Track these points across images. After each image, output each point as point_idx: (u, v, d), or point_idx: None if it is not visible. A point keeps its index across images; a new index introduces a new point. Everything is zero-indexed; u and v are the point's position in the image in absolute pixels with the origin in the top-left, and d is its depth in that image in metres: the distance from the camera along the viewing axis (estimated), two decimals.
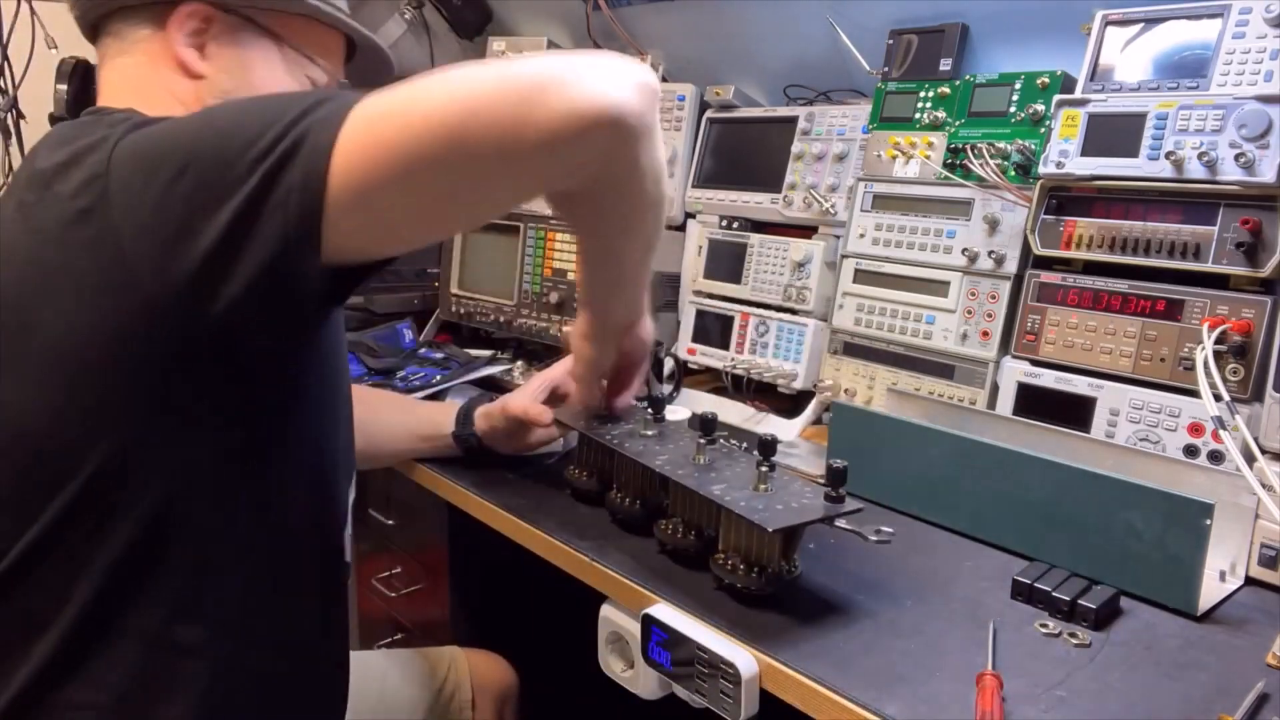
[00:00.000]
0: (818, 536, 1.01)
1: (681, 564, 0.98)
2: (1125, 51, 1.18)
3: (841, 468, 0.88)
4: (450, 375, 1.57)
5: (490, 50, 2.04)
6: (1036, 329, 1.22)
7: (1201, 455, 1.07)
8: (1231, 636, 0.88)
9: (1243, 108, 1.05)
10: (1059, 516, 0.98)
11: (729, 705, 0.81)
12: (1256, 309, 1.05)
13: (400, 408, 1.35)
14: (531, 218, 1.72)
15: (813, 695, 0.77)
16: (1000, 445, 1.05)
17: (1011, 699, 0.74)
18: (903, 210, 1.40)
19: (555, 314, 1.66)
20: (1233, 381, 1.04)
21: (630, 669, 0.96)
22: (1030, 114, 1.28)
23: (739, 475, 0.94)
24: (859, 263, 1.44)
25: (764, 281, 1.58)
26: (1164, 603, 0.92)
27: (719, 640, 0.84)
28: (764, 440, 0.92)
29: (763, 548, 0.89)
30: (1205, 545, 0.89)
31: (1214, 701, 0.76)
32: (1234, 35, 1.09)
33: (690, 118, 1.76)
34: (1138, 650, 0.84)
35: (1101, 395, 1.15)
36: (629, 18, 1.88)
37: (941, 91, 1.38)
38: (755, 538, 0.89)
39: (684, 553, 0.98)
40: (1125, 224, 1.15)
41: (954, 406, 1.27)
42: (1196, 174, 1.07)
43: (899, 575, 0.97)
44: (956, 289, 1.32)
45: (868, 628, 0.86)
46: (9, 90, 1.71)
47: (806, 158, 1.57)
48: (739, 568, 0.89)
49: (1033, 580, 0.91)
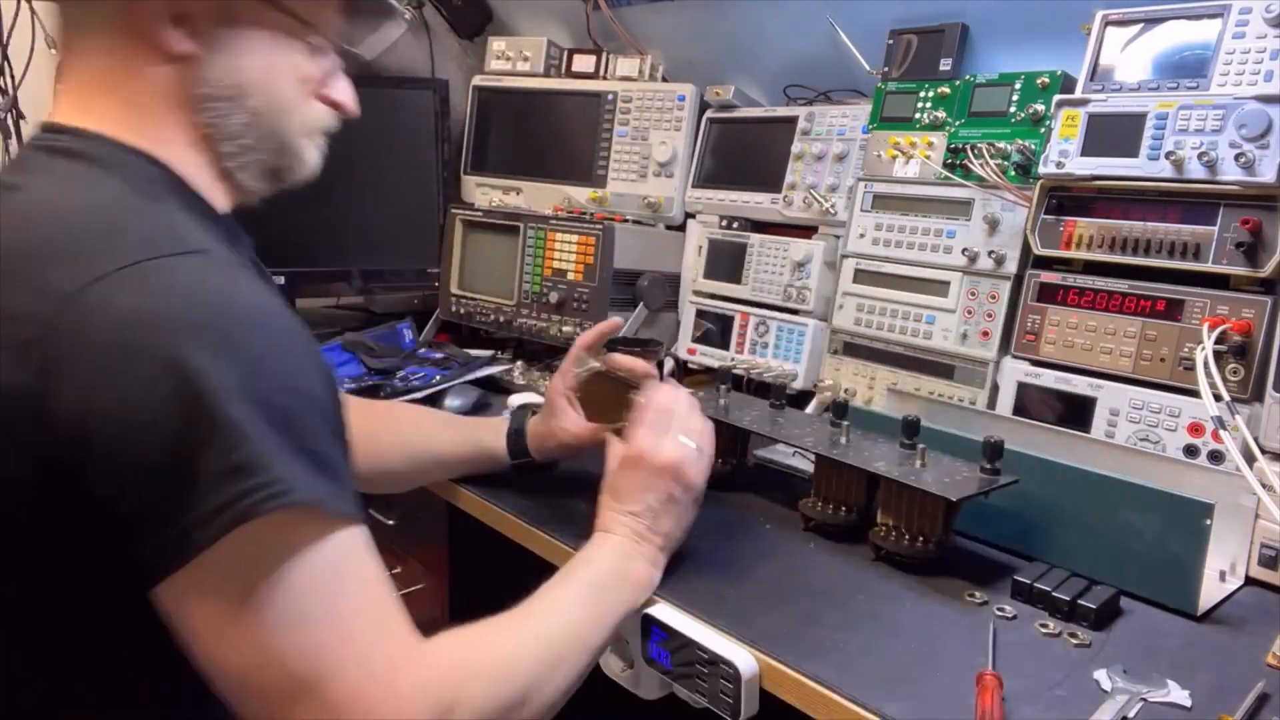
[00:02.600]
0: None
1: (831, 539, 1.06)
2: (1125, 51, 1.18)
3: (997, 442, 0.97)
4: (450, 375, 1.57)
5: (490, 50, 2.04)
6: (1036, 329, 1.22)
7: (1201, 455, 1.07)
8: (1231, 636, 0.88)
9: (1243, 108, 1.05)
10: (1059, 516, 0.98)
11: (729, 705, 0.81)
12: (1256, 309, 1.05)
13: (445, 426, 1.26)
14: (531, 218, 1.72)
15: (813, 695, 0.77)
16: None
17: (1011, 699, 0.74)
18: (903, 210, 1.40)
19: (555, 314, 1.66)
20: (1233, 381, 1.04)
21: (630, 669, 0.96)
22: (1030, 114, 1.28)
23: (887, 454, 1.02)
24: (859, 263, 1.44)
25: (764, 281, 1.58)
26: (1164, 603, 0.92)
27: (719, 640, 0.83)
28: (908, 420, 1.02)
29: (924, 519, 0.97)
30: (1205, 545, 0.89)
31: (1214, 701, 0.76)
32: (1234, 35, 1.09)
33: (690, 118, 1.77)
34: (1138, 650, 0.84)
35: (1101, 395, 1.15)
36: (629, 18, 1.88)
37: (941, 91, 1.38)
38: (918, 510, 0.97)
39: (835, 528, 1.06)
40: (1125, 224, 1.15)
41: (954, 406, 1.27)
42: (1196, 174, 1.07)
43: (898, 575, 0.97)
44: (956, 289, 1.32)
45: (867, 628, 0.86)
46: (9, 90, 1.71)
47: (806, 158, 1.57)
48: (902, 538, 0.97)
49: (1033, 580, 0.91)
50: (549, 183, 1.94)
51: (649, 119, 1.81)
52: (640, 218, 1.79)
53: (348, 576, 0.65)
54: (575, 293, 1.63)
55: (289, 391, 0.63)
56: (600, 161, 1.87)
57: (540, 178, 1.96)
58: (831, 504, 1.06)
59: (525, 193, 1.98)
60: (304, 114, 0.81)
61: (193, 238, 0.68)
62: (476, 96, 2.05)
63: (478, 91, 2.05)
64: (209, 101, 0.75)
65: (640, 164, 1.81)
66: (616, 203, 1.84)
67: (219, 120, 0.76)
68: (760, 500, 1.18)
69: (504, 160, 2.04)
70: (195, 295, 0.63)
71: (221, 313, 0.63)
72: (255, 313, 0.65)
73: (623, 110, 1.84)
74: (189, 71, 0.74)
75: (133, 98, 0.73)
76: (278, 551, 0.61)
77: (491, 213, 1.81)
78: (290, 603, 0.62)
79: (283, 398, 0.62)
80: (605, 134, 1.86)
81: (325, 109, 0.84)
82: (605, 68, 1.92)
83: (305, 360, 0.66)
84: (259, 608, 0.61)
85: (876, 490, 1.03)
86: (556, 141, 1.96)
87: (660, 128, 1.79)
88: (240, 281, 0.67)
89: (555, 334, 1.66)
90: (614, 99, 1.86)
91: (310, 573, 0.63)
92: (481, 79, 2.05)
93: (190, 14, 0.72)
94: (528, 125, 2.00)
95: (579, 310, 1.63)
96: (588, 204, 1.87)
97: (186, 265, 0.65)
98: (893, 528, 0.99)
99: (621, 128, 1.84)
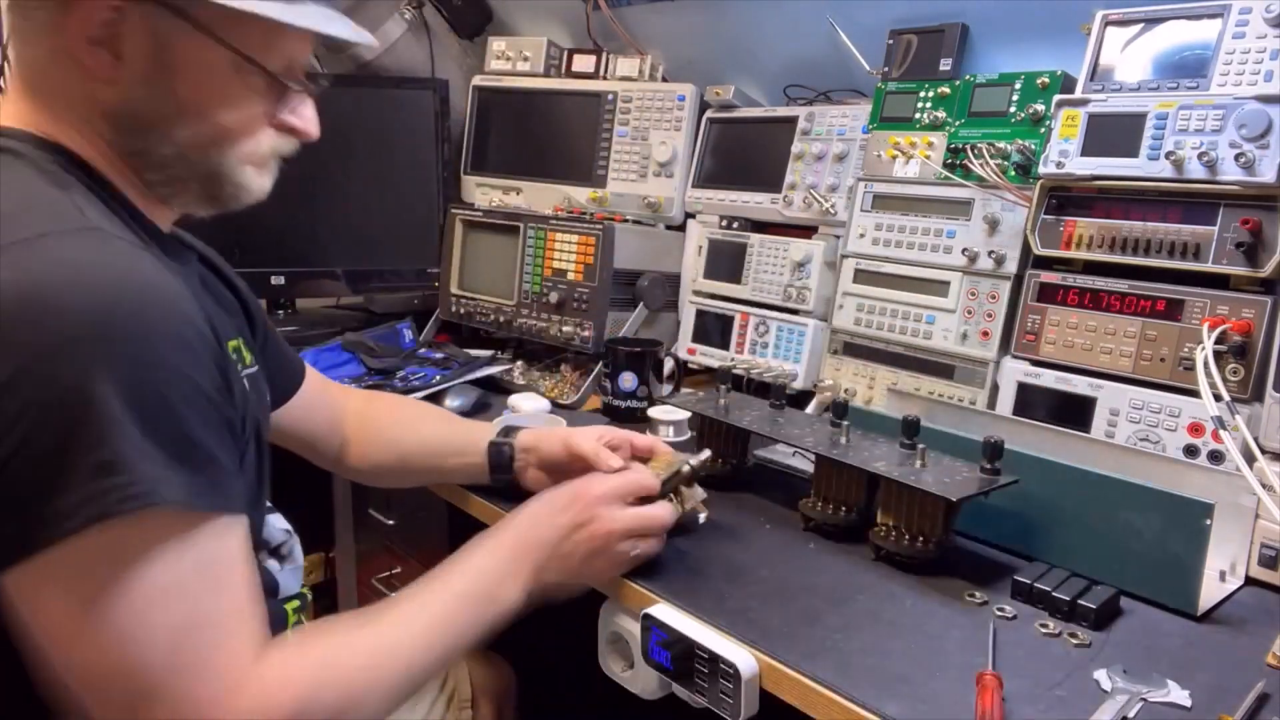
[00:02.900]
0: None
1: (831, 539, 1.06)
2: (1125, 51, 1.18)
3: (997, 442, 0.97)
4: (450, 375, 1.57)
5: (490, 50, 2.04)
6: (1036, 329, 1.22)
7: (1201, 455, 1.07)
8: (1231, 636, 0.88)
9: (1243, 108, 1.05)
10: (1059, 516, 0.98)
11: (729, 705, 0.81)
12: (1256, 309, 1.05)
13: (440, 420, 1.24)
14: (531, 217, 1.72)
15: (813, 695, 0.77)
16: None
17: (1011, 699, 0.74)
18: (903, 210, 1.40)
19: (555, 314, 1.66)
20: (1233, 381, 1.04)
21: (630, 669, 0.96)
22: (1030, 114, 1.28)
23: (887, 454, 1.02)
24: (859, 263, 1.44)
25: (764, 281, 1.58)
26: (1164, 603, 0.92)
27: (719, 640, 0.84)
28: (908, 420, 1.02)
29: (924, 519, 0.97)
30: (1205, 545, 0.89)
31: (1214, 701, 0.76)
32: (1234, 35, 1.09)
33: (690, 118, 1.77)
34: (1138, 650, 0.84)
35: (1101, 395, 1.15)
36: (629, 18, 1.88)
37: (941, 91, 1.38)
38: (918, 510, 0.97)
39: (835, 528, 1.06)
40: (1125, 224, 1.15)
41: (954, 406, 1.27)
42: (1196, 174, 1.07)
43: (898, 575, 0.97)
44: (956, 289, 1.32)
45: (867, 628, 0.86)
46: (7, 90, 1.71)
47: (806, 158, 1.57)
48: (902, 538, 0.97)
49: (1033, 580, 0.91)
50: (549, 183, 1.94)
51: (649, 119, 1.81)
52: (640, 218, 1.79)
53: (204, 578, 0.65)
54: (575, 293, 1.63)
55: (166, 381, 0.63)
56: (600, 161, 1.87)
57: (540, 178, 1.96)
58: (831, 504, 1.06)
59: (525, 193, 1.98)
60: (248, 144, 0.78)
61: (91, 218, 0.67)
62: (476, 96, 2.05)
63: (478, 91, 2.05)
64: (134, 128, 0.74)
65: (640, 164, 1.81)
66: (616, 203, 1.84)
67: (144, 147, 0.75)
68: (760, 500, 1.18)
69: (504, 160, 2.04)
70: (79, 275, 0.61)
71: (104, 297, 0.61)
72: (140, 296, 0.63)
73: (623, 110, 1.84)
74: (111, 94, 0.72)
75: (59, 112, 0.73)
76: (132, 552, 0.61)
77: (491, 213, 1.81)
78: (140, 605, 0.62)
79: (159, 388, 0.62)
80: (605, 134, 1.86)
81: (278, 136, 0.80)
82: (605, 68, 1.92)
83: (188, 347, 0.65)
84: (109, 608, 0.61)
85: (876, 490, 1.03)
86: (556, 141, 1.96)
87: (660, 128, 1.79)
88: (133, 261, 0.65)
89: (555, 334, 1.66)
90: (614, 99, 1.86)
91: (163, 576, 0.62)
92: (481, 79, 2.05)
93: (112, 37, 0.70)
94: (528, 125, 2.00)
95: (579, 310, 1.63)
96: (588, 204, 1.87)
97: (77, 243, 0.64)
98: (893, 528, 0.99)
99: (621, 128, 1.84)
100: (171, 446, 0.62)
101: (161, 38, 0.71)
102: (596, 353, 1.61)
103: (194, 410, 0.64)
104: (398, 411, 1.25)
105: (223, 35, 0.72)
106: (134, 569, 0.61)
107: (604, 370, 1.55)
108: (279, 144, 0.81)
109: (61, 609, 0.61)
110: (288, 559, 0.96)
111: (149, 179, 0.77)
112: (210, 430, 0.66)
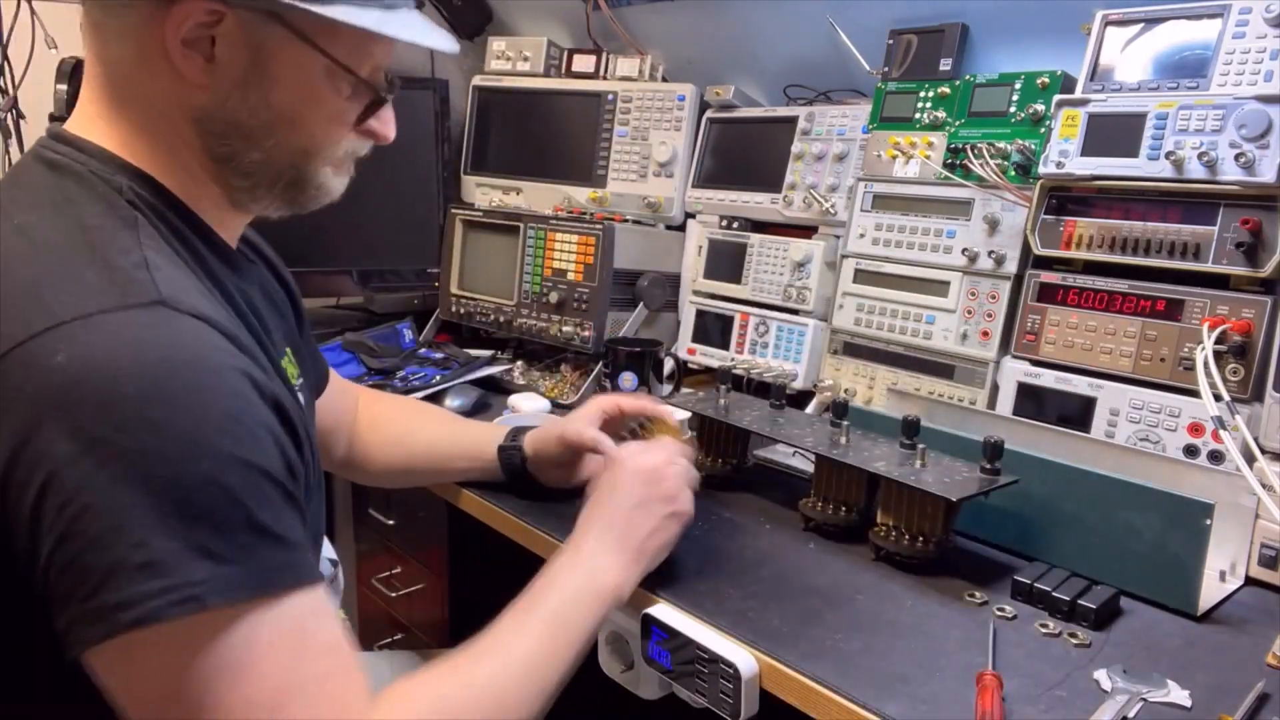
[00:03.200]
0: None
1: (831, 539, 1.06)
2: (1125, 51, 1.18)
3: (997, 442, 0.97)
4: (450, 375, 1.57)
5: (490, 50, 2.04)
6: (1036, 329, 1.22)
7: (1201, 455, 1.07)
8: (1231, 636, 0.88)
9: (1243, 108, 1.05)
10: (1059, 516, 0.98)
11: (729, 705, 0.81)
12: (1256, 309, 1.05)
13: (445, 422, 1.25)
14: (531, 218, 1.72)
15: (813, 695, 0.77)
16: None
17: (1011, 699, 0.74)
18: (903, 210, 1.40)
19: (555, 314, 1.66)
20: (1233, 381, 1.04)
21: (630, 669, 0.96)
22: (1030, 114, 1.28)
23: (887, 454, 1.02)
24: (859, 263, 1.44)
25: (764, 281, 1.58)
26: (1164, 603, 0.92)
27: (719, 640, 0.84)
28: (908, 420, 1.03)
29: (924, 519, 0.97)
30: (1205, 545, 0.89)
31: (1214, 701, 0.76)
32: (1234, 35, 1.09)
33: (690, 118, 1.77)
34: (1138, 650, 0.84)
35: (1101, 395, 1.15)
36: (629, 18, 1.88)
37: (941, 91, 1.38)
38: (918, 510, 0.97)
39: (835, 528, 1.06)
40: (1125, 224, 1.15)
41: (954, 406, 1.27)
42: (1196, 174, 1.07)
43: (898, 575, 0.97)
44: (956, 289, 1.32)
45: (867, 628, 0.86)
46: (9, 90, 1.71)
47: (806, 158, 1.57)
48: (903, 538, 0.97)
49: (1033, 580, 0.91)
50: (549, 183, 1.94)
51: (649, 119, 1.81)
52: (640, 218, 1.79)
53: (283, 654, 0.62)
54: (575, 293, 1.63)
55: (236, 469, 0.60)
56: (600, 161, 1.87)
57: (540, 178, 1.96)
58: (831, 504, 1.06)
59: (525, 193, 1.98)
60: (332, 150, 0.78)
61: (146, 285, 0.63)
62: (476, 96, 2.05)
63: (478, 91, 2.05)
64: (223, 134, 0.72)
65: (640, 164, 1.81)
66: (616, 203, 1.84)
67: (231, 153, 0.73)
68: (760, 500, 1.18)
69: (504, 160, 2.04)
70: (119, 362, 0.59)
71: (142, 386, 0.58)
72: (200, 379, 0.60)
73: (623, 110, 1.84)
74: (203, 99, 0.70)
75: (140, 118, 0.71)
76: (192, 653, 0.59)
77: (491, 213, 1.81)
78: (246, 691, 0.60)
79: (228, 477, 0.59)
80: (605, 134, 1.86)
81: (357, 138, 0.80)
82: (605, 68, 1.92)
83: (255, 426, 0.62)
84: (203, 693, 0.59)
85: (876, 490, 1.03)
86: (556, 141, 1.96)
87: (660, 128, 1.79)
88: (184, 337, 0.62)
89: (555, 334, 1.66)
90: (614, 99, 1.86)
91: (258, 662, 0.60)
92: (481, 79, 2.05)
93: (205, 39, 0.68)
94: (528, 125, 2.00)
95: (579, 310, 1.63)
96: (588, 204, 1.87)
97: (123, 323, 0.60)
98: (893, 528, 0.99)
99: (621, 128, 1.84)
100: (217, 539, 0.59)
101: (257, 43, 0.69)
102: (596, 353, 1.61)
103: (251, 492, 0.61)
104: (403, 412, 1.24)
105: (319, 42, 0.71)
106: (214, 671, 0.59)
107: (604, 370, 1.55)
108: (357, 145, 0.81)
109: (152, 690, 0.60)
110: (331, 587, 0.96)
111: (233, 184, 0.75)
112: (275, 505, 0.63)
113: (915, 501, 0.97)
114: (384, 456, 1.18)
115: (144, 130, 0.71)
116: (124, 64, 0.70)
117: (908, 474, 0.96)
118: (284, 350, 0.86)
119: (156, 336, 0.61)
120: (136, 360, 0.59)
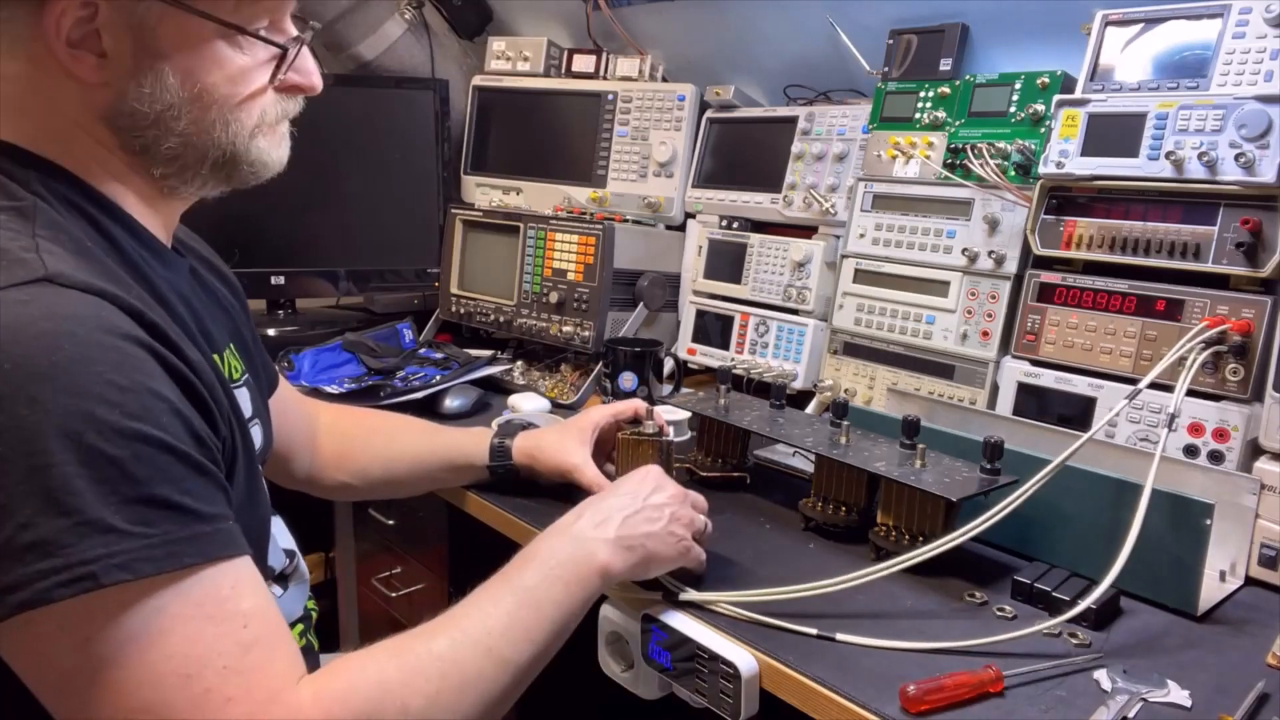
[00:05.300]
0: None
1: (831, 539, 1.06)
2: (1125, 51, 1.18)
3: (997, 442, 0.97)
4: (450, 375, 1.57)
5: (490, 50, 2.04)
6: (1036, 329, 1.22)
7: (1201, 455, 1.07)
8: (1231, 636, 0.88)
9: (1243, 108, 1.05)
10: (1059, 516, 0.98)
11: (729, 705, 0.81)
12: (1256, 309, 1.05)
13: (424, 433, 1.22)
14: (531, 218, 1.72)
15: (813, 695, 0.77)
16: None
17: (1011, 699, 0.74)
18: (903, 210, 1.40)
19: (555, 314, 1.66)
20: (1233, 381, 1.04)
21: (630, 669, 0.96)
22: (1030, 114, 1.28)
23: (887, 454, 1.03)
24: (859, 263, 1.44)
25: (764, 281, 1.58)
26: (1164, 603, 0.92)
27: (719, 640, 0.84)
28: (908, 420, 1.03)
29: (924, 519, 0.97)
30: (1205, 545, 0.89)
31: (1214, 701, 0.76)
32: (1234, 35, 1.09)
33: (690, 118, 1.77)
34: (1138, 650, 0.84)
35: (1101, 395, 1.15)
36: (629, 18, 1.88)
37: (941, 91, 1.38)
38: (918, 510, 0.98)
39: (835, 528, 1.06)
40: (1125, 224, 1.15)
41: (954, 406, 1.27)
42: (1196, 174, 1.07)
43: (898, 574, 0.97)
44: (956, 289, 1.33)
45: (867, 627, 0.86)
46: None
47: (806, 158, 1.57)
48: (902, 538, 0.98)
49: (1033, 580, 0.91)
50: (549, 183, 1.94)
51: (649, 119, 1.81)
52: (640, 218, 1.79)
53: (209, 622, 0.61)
54: (575, 293, 1.63)
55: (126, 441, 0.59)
56: (600, 161, 1.87)
57: (540, 178, 1.96)
58: (831, 504, 1.06)
59: (525, 193, 1.98)
60: (253, 114, 0.74)
61: (32, 263, 0.62)
62: (476, 96, 2.05)
63: (478, 91, 2.05)
64: (133, 128, 0.71)
65: (640, 164, 1.81)
66: (616, 203, 1.84)
67: (148, 143, 0.72)
68: (760, 500, 1.18)
69: (504, 160, 2.04)
70: (17, 336, 0.58)
71: (20, 362, 0.57)
72: (83, 351, 0.59)
73: (623, 110, 1.84)
74: (106, 97, 0.69)
75: (51, 124, 0.70)
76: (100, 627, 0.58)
77: (491, 213, 1.81)
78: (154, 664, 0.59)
79: (117, 449, 0.58)
80: (605, 134, 1.86)
81: (282, 98, 0.77)
82: (605, 68, 1.92)
83: (147, 397, 0.61)
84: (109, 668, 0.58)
85: (876, 490, 1.03)
86: (556, 141, 1.96)
87: (660, 128, 1.79)
88: (68, 309, 0.61)
89: (555, 334, 1.66)
90: (614, 99, 1.86)
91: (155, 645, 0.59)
92: (481, 79, 2.05)
93: (90, 37, 0.67)
94: (528, 125, 2.00)
95: (579, 310, 1.63)
96: (588, 204, 1.87)
97: (2, 301, 0.60)
98: (893, 528, 0.99)
99: (621, 128, 1.84)
100: (137, 506, 0.59)
101: (137, 23, 0.68)
102: (596, 353, 1.61)
103: (158, 463, 0.60)
104: (373, 423, 1.22)
105: (200, 7, 0.69)
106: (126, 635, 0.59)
107: (604, 370, 1.55)
108: (286, 106, 0.78)
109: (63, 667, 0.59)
110: (291, 578, 0.95)
111: (159, 173, 0.74)
112: (182, 477, 0.62)
113: (915, 501, 0.97)
114: (359, 467, 1.15)
115: (57, 135, 0.70)
116: (20, 79, 0.69)
117: (908, 474, 0.97)
118: (224, 345, 0.85)
119: (37, 312, 0.60)
120: (15, 337, 0.58)
